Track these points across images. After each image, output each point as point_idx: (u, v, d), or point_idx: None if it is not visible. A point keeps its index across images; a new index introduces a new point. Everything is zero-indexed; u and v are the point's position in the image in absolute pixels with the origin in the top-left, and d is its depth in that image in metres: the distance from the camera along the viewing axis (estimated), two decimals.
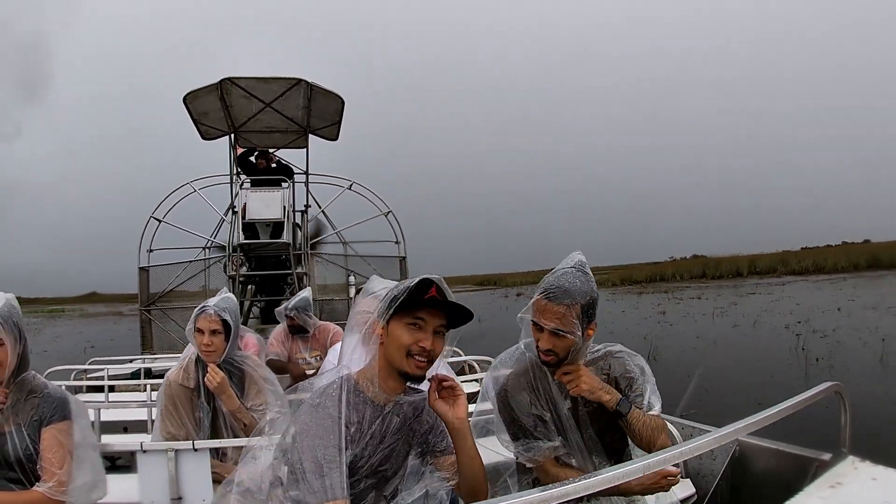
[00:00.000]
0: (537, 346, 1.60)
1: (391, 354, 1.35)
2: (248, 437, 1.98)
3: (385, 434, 1.39)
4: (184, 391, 2.24)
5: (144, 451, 2.00)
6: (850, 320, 12.28)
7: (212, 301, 2.25)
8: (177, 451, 2.01)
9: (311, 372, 3.61)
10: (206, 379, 2.18)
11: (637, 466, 1.12)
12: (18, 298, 1.66)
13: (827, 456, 1.84)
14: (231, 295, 2.39)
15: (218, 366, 2.20)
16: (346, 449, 1.28)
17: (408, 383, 1.40)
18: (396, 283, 1.45)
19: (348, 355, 1.48)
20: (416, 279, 1.36)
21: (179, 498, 2.03)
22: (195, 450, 2.00)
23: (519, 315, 1.64)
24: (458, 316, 1.38)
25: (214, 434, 2.24)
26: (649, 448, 1.60)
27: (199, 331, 2.20)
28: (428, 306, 1.34)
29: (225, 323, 2.20)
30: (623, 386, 1.67)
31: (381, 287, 1.67)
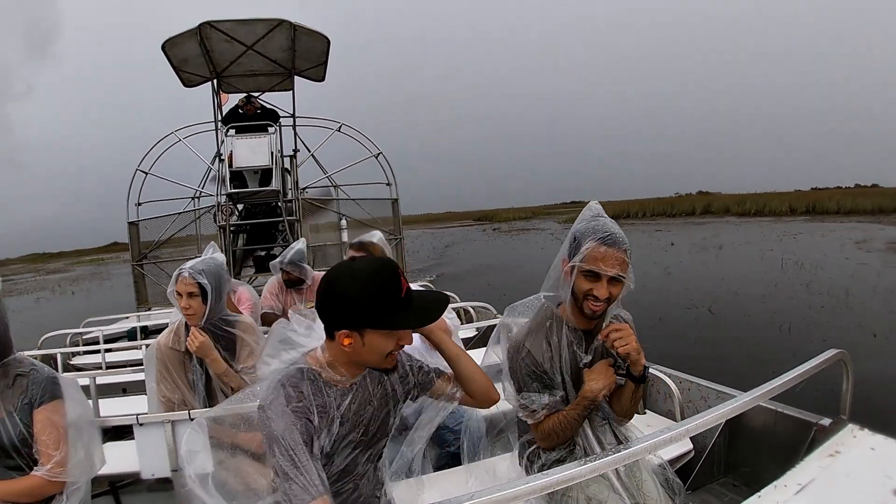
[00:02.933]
0: (589, 296, 1.49)
1: (366, 358, 1.25)
2: None
3: (360, 409, 1.32)
4: (175, 354, 2.24)
5: (141, 425, 1.99)
6: (657, 253, 16.34)
7: (189, 263, 2.21)
8: (174, 421, 2.00)
9: None
10: (187, 342, 2.17)
11: (645, 445, 1.15)
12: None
13: (827, 421, 1.82)
14: (216, 255, 2.34)
15: (203, 328, 2.19)
16: (313, 441, 1.19)
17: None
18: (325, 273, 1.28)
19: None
20: (381, 279, 1.18)
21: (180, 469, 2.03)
22: (192, 419, 1.97)
23: (570, 263, 1.53)
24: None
25: (209, 396, 2.24)
26: (628, 415, 1.64)
27: (179, 294, 2.18)
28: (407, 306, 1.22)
29: (201, 286, 2.16)
30: None
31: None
